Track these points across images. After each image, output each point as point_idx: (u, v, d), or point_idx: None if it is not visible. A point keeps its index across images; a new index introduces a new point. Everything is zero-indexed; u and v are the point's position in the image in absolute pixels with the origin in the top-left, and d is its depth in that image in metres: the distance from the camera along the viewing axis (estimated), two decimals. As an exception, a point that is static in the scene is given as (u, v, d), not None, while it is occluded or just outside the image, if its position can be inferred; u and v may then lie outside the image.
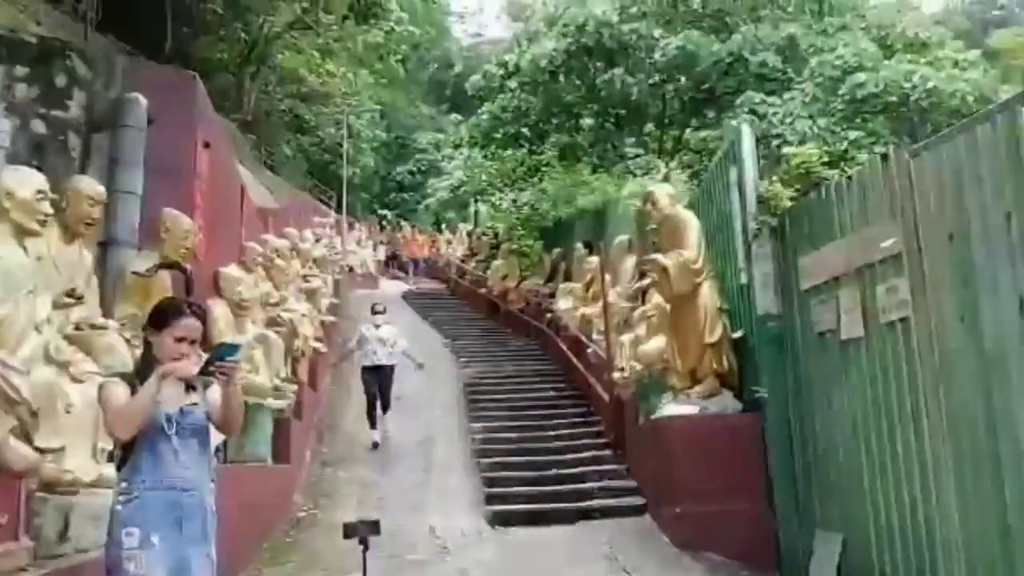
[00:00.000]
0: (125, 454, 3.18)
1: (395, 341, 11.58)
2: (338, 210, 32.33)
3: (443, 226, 36.31)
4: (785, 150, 9.18)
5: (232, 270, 8.16)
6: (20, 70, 7.31)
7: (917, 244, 5.01)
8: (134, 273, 5.98)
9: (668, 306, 8.01)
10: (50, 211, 4.39)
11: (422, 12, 52.75)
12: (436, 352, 16.34)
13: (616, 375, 9.88)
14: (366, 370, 11.45)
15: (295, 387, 9.24)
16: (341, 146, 33.77)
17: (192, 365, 3.15)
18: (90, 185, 5.46)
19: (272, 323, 9.80)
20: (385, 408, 11.32)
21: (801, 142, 11.48)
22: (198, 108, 8.22)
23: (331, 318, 15.28)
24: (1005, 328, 4.28)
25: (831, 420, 6.28)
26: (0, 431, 3.38)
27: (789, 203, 7.00)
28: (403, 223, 40.37)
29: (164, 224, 6.33)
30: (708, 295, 7.49)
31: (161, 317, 3.29)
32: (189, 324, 3.25)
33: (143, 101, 7.40)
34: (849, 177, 6.10)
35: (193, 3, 28.66)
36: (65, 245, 5.29)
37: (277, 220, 16.29)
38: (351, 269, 27.93)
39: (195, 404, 3.25)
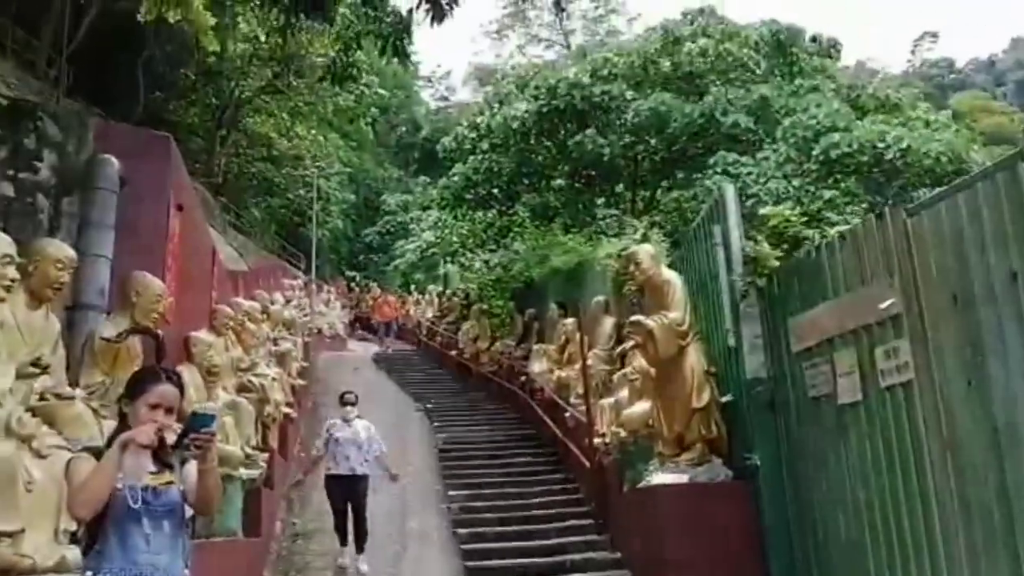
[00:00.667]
0: (91, 539, 2.90)
1: (371, 443, 9.23)
2: (307, 272, 32.09)
3: (412, 288, 36.09)
4: (761, 210, 9.19)
5: (203, 334, 7.87)
6: (-13, 131, 7.09)
7: (918, 304, 4.91)
8: (103, 339, 5.69)
9: (652, 369, 7.84)
10: (15, 276, 4.15)
11: (391, 76, 53.51)
12: (408, 416, 16.02)
13: (597, 441, 9.64)
14: (333, 480, 8.99)
15: (266, 455, 8.87)
16: (310, 208, 33.66)
17: (153, 428, 2.89)
18: (59, 248, 5.23)
19: (243, 388, 9.46)
20: (361, 539, 8.83)
21: (776, 202, 11.56)
22: (172, 170, 8.01)
23: (301, 381, 14.92)
24: (1016, 392, 4.16)
25: (830, 492, 6.09)
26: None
27: (776, 262, 6.92)
28: (372, 285, 40.15)
29: (134, 288, 6.06)
30: (695, 358, 7.33)
31: (136, 385, 3.07)
32: (165, 391, 3.03)
33: (115, 163, 7.19)
34: (842, 236, 6.03)
35: (166, 69, 28.70)
36: (31, 311, 5.02)
37: (247, 282, 16.03)
38: (319, 331, 27.59)
39: (170, 483, 2.99)
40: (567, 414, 11.46)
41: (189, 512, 3.40)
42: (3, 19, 22.87)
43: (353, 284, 40.90)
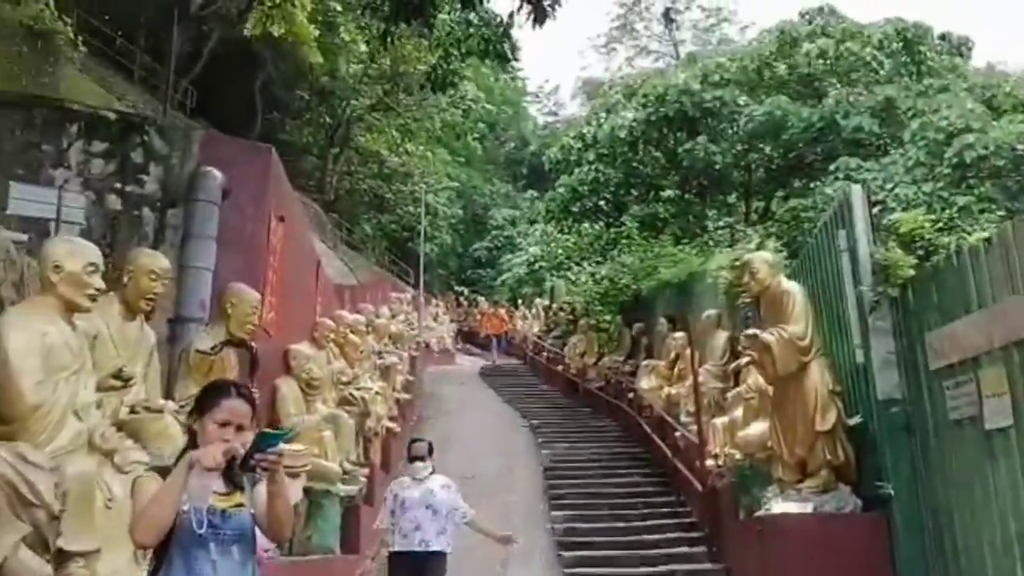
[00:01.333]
0: (157, 563, 2.68)
1: (453, 507, 6.37)
2: (416, 286, 32.49)
3: (519, 302, 35.96)
4: (890, 217, 8.46)
5: (303, 347, 7.80)
6: (98, 146, 7.23)
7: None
8: (198, 351, 5.62)
9: (770, 388, 7.26)
10: (101, 285, 4.03)
11: (499, 93, 53.97)
12: (514, 431, 15.74)
13: (710, 462, 9.07)
14: (398, 560, 6.24)
15: (366, 470, 8.74)
16: (419, 223, 34.11)
17: (220, 449, 2.64)
18: (153, 259, 5.16)
19: (344, 402, 9.40)
20: None
21: (905, 209, 10.67)
22: (273, 181, 8.02)
23: (406, 395, 14.89)
24: None
25: (975, 525, 5.40)
26: (8, 540, 2.92)
27: (910, 271, 6.26)
28: (480, 299, 40.28)
29: (229, 300, 5.99)
30: (818, 376, 6.72)
31: (205, 400, 2.83)
32: (234, 407, 2.77)
33: (217, 175, 7.21)
34: (987, 240, 5.36)
35: (281, 91, 29.70)
36: (126, 322, 4.96)
37: (354, 296, 16.17)
38: (427, 345, 27.75)
39: (240, 506, 2.74)
40: (677, 433, 10.91)
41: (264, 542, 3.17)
42: (132, 47, 24.12)
43: (461, 298, 41.13)
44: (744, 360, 7.31)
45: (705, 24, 52.05)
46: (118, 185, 7.06)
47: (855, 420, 6.71)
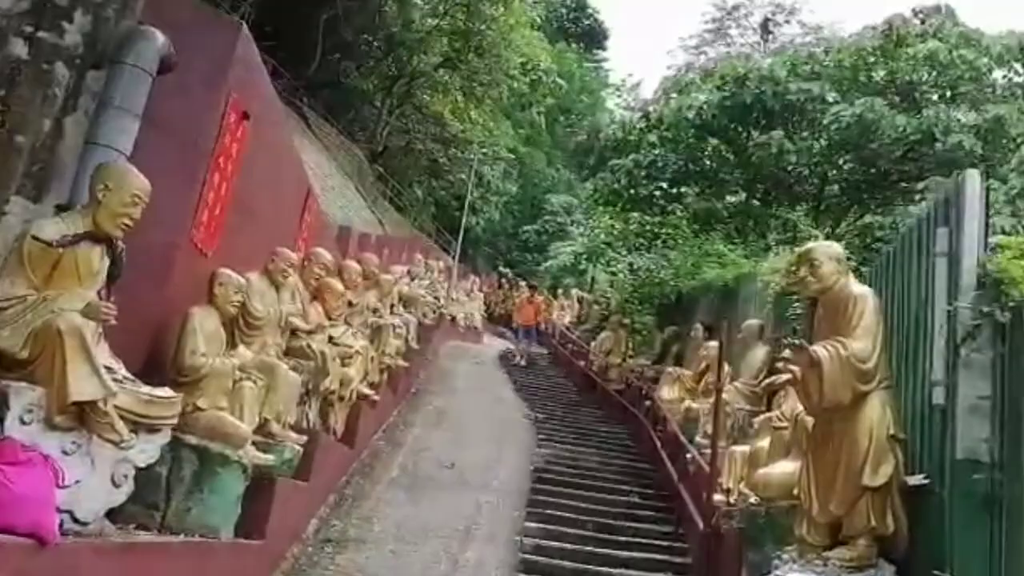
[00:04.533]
0: None
1: None
2: (459, 257, 31.19)
3: (558, 291, 34.30)
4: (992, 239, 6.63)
5: (233, 274, 6.27)
6: (9, -26, 5.80)
7: None
8: (36, 239, 4.13)
9: (809, 419, 5.56)
10: None
11: (579, 78, 52.27)
12: (514, 422, 14.19)
13: (719, 498, 7.38)
14: None
15: (302, 438, 7.22)
16: (470, 193, 32.70)
17: None
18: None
19: (296, 353, 7.92)
20: None
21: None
22: (238, 66, 6.52)
23: (402, 363, 13.41)
24: None
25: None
26: None
27: (1031, 291, 4.50)
28: (521, 283, 38.75)
29: (104, 182, 4.47)
30: (877, 413, 4.98)
31: None
32: None
33: (159, 38, 5.71)
34: None
35: (347, 31, 28.36)
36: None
37: (363, 245, 14.72)
38: (453, 319, 26.44)
39: None
40: (688, 455, 9.22)
41: None
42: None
43: (504, 279, 39.72)
44: (782, 378, 5.56)
45: (802, 40, 49.32)
46: (29, 28, 5.60)
47: (917, 480, 4.96)
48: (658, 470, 10.85)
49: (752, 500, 6.45)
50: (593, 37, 61.55)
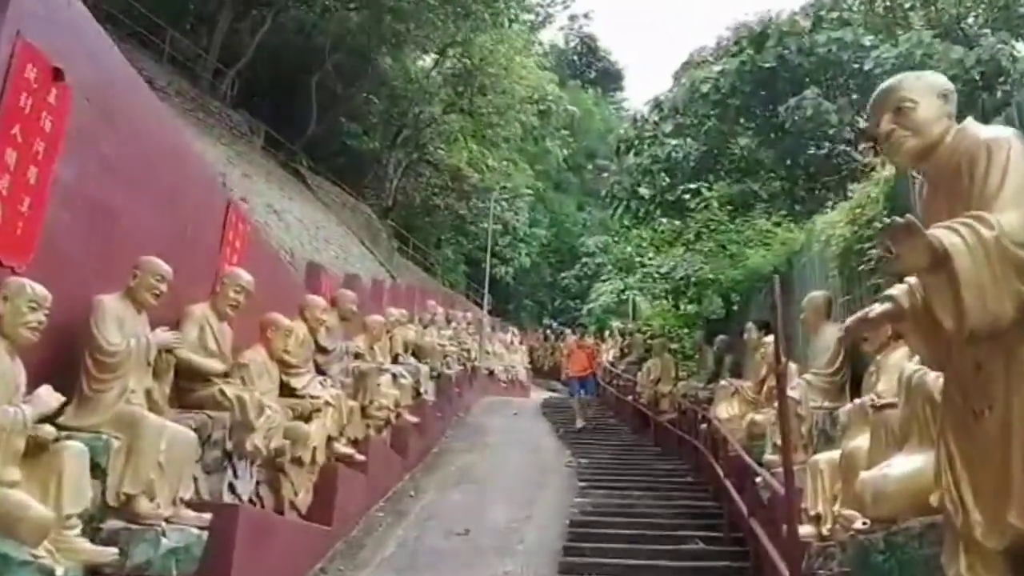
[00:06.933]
0: None
1: None
2: (494, 313, 29.30)
3: (606, 333, 32.13)
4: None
5: (23, 284, 4.27)
6: None
7: None
8: None
9: (934, 377, 3.29)
10: None
11: (600, 118, 50.97)
12: (551, 473, 11.93)
13: (806, 530, 5.06)
14: None
15: (204, 516, 5.14)
16: (495, 243, 30.97)
17: None
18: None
19: (207, 403, 5.92)
20: None
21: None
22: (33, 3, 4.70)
23: (409, 417, 11.42)
24: None
25: None
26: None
27: None
28: (566, 331, 36.70)
29: None
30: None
31: None
32: None
33: None
34: None
35: (339, 85, 27.13)
36: None
37: (350, 286, 12.69)
38: (491, 372, 24.49)
39: None
40: (758, 479, 6.88)
41: None
42: (166, 28, 21.96)
43: (548, 331, 37.79)
44: (876, 309, 3.24)
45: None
46: None
47: None
48: (725, 506, 8.51)
49: (858, 524, 4.15)
50: (609, 78, 60.50)
